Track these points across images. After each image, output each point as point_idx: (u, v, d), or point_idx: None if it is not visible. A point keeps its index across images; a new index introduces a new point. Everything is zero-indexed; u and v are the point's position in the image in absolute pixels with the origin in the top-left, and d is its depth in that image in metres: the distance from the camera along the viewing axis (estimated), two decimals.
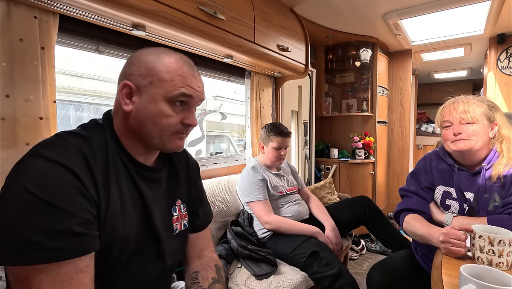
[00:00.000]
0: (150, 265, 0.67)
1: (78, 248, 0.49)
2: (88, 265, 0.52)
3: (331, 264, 1.23)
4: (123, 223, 0.60)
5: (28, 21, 0.88)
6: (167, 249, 0.70)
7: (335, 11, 2.23)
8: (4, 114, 0.85)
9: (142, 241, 0.65)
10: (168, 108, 0.63)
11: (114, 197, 0.58)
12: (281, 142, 1.62)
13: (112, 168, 0.60)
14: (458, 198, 1.04)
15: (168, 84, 0.62)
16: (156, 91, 0.62)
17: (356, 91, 3.04)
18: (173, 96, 0.63)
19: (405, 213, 1.10)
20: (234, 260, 1.41)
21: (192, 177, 0.83)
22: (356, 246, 2.42)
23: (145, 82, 0.62)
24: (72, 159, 0.52)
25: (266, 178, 1.59)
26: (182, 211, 0.77)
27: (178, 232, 0.74)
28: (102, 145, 0.60)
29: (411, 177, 1.17)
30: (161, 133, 0.64)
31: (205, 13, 1.19)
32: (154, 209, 0.67)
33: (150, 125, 0.63)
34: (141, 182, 0.66)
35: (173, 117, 0.63)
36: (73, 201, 0.50)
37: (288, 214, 1.58)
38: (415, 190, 1.12)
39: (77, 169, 0.52)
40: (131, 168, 0.64)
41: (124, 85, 0.63)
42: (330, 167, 2.92)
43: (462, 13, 2.22)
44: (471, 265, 0.64)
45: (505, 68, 2.80)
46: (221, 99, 3.18)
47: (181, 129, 0.66)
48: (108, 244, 0.57)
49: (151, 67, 0.63)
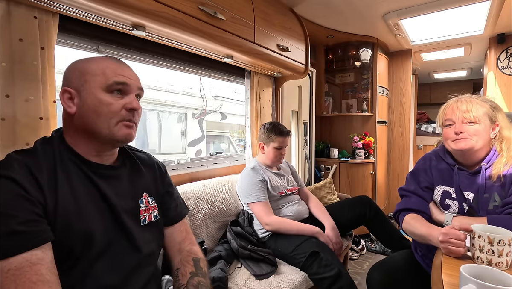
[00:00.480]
0: (126, 256, 0.71)
1: (23, 243, 0.55)
2: (41, 258, 0.56)
3: (330, 265, 1.23)
4: (79, 219, 0.64)
5: (28, 21, 0.88)
6: (139, 238, 0.73)
7: (335, 11, 2.23)
8: (4, 114, 0.85)
9: (111, 234, 0.69)
10: (107, 97, 0.68)
11: (64, 196, 0.63)
12: (282, 142, 1.63)
13: (60, 171, 0.65)
14: (458, 197, 1.04)
15: (101, 77, 0.68)
16: (92, 85, 0.68)
17: (356, 91, 3.04)
18: (108, 85, 0.68)
19: (405, 212, 1.10)
20: (234, 260, 1.41)
21: (159, 173, 0.88)
22: (356, 246, 2.42)
23: (81, 82, 0.69)
24: (15, 170, 0.59)
25: (266, 178, 1.59)
26: (151, 203, 0.80)
27: (147, 223, 0.77)
28: (48, 154, 0.66)
29: (410, 177, 1.17)
30: (106, 122, 0.68)
31: (205, 13, 1.19)
32: (116, 202, 0.71)
33: (94, 117, 0.67)
34: (99, 180, 0.70)
35: (113, 104, 0.68)
36: (13, 205, 0.56)
37: (288, 213, 1.58)
38: (415, 189, 1.12)
39: (19, 178, 0.58)
40: (85, 169, 0.69)
41: (64, 91, 0.69)
42: (330, 167, 2.92)
43: (462, 13, 2.22)
44: (471, 265, 0.64)
45: (505, 68, 2.80)
46: (221, 99, 3.18)
47: (126, 116, 0.69)
48: (65, 239, 0.61)
49: (83, 68, 0.70)
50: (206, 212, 1.50)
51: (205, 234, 1.48)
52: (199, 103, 2.91)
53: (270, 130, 1.65)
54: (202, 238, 1.44)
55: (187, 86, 2.83)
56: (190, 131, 2.99)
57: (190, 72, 1.72)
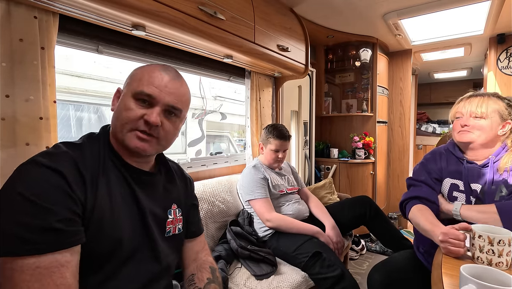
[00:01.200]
0: (146, 265, 0.70)
1: (58, 242, 0.53)
2: (69, 261, 0.55)
3: (333, 265, 1.23)
4: (111, 223, 0.63)
5: (28, 21, 0.88)
6: (161, 249, 0.73)
7: (335, 11, 2.23)
8: (4, 114, 0.85)
9: (138, 240, 0.68)
10: (132, 103, 0.67)
11: (102, 198, 0.62)
12: (279, 145, 1.61)
13: (102, 171, 0.65)
14: (466, 190, 1.05)
15: (136, 83, 0.69)
16: (128, 88, 0.69)
17: (356, 91, 3.04)
18: (135, 92, 0.68)
19: (413, 201, 1.10)
20: (234, 260, 1.41)
21: (188, 185, 0.89)
22: (356, 246, 2.42)
23: (125, 84, 0.72)
24: (62, 163, 0.58)
25: (267, 176, 1.60)
26: (178, 215, 0.80)
27: (171, 235, 0.77)
28: (94, 152, 0.66)
29: (420, 167, 1.18)
30: (121, 127, 0.67)
31: (205, 13, 1.19)
32: (147, 210, 0.70)
33: (116, 118, 0.69)
34: (135, 185, 0.70)
35: (133, 111, 0.67)
36: (56, 201, 0.54)
37: (289, 212, 1.58)
38: (425, 179, 1.13)
39: (65, 172, 0.57)
40: (124, 171, 0.69)
41: (116, 91, 0.73)
42: (330, 167, 2.92)
43: (462, 13, 2.22)
44: (471, 265, 0.64)
45: (505, 68, 2.80)
46: (221, 99, 3.18)
47: (141, 126, 0.67)
48: (95, 241, 0.60)
49: (134, 72, 0.71)
50: (206, 212, 1.50)
51: (205, 234, 1.47)
52: (199, 103, 2.91)
53: (269, 131, 1.64)
54: None
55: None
56: (190, 131, 2.99)
57: (190, 72, 1.72)
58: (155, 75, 0.69)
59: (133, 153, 0.69)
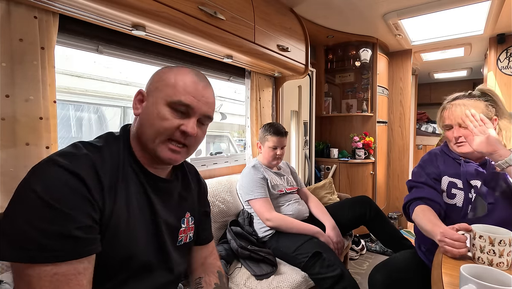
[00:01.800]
0: (160, 276, 0.69)
1: (76, 251, 0.52)
2: (86, 268, 0.53)
3: (333, 265, 1.23)
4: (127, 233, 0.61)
5: (28, 21, 0.88)
6: (173, 259, 0.72)
7: (335, 11, 2.23)
8: (4, 114, 0.85)
9: (151, 253, 0.67)
10: (167, 112, 0.64)
11: (120, 206, 0.60)
12: (277, 142, 1.62)
13: (121, 177, 0.62)
14: (464, 187, 1.07)
15: (171, 89, 0.65)
16: (159, 95, 0.65)
17: (356, 91, 3.04)
18: (172, 101, 0.64)
19: (416, 202, 1.10)
20: (234, 260, 1.41)
21: (202, 192, 0.87)
22: (356, 246, 2.42)
23: (153, 87, 0.67)
24: (81, 166, 0.55)
25: (267, 176, 1.60)
26: (190, 224, 0.78)
27: (182, 244, 0.76)
28: (114, 156, 0.63)
29: (418, 169, 1.19)
30: (155, 136, 0.64)
31: (205, 13, 1.19)
32: (162, 219, 0.68)
33: (148, 126, 0.65)
34: (152, 192, 0.67)
35: (169, 121, 0.64)
36: (76, 206, 0.52)
37: (289, 212, 1.58)
38: (426, 180, 1.14)
39: (85, 175, 0.55)
40: (142, 178, 0.66)
41: (138, 92, 0.68)
42: (330, 167, 2.92)
43: (462, 13, 2.22)
44: (471, 265, 0.64)
45: (505, 68, 2.80)
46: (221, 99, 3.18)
47: (176, 137, 0.65)
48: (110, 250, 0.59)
49: (162, 75, 0.67)
50: None
51: None
52: None
53: (266, 129, 1.66)
54: None
55: None
56: None
57: None
58: (191, 83, 0.66)
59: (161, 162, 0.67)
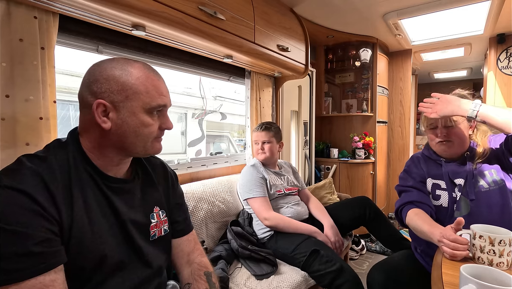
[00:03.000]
0: (137, 271, 0.70)
1: (38, 266, 0.52)
2: (54, 279, 0.53)
3: (331, 260, 1.24)
4: (93, 238, 0.61)
5: (28, 21, 0.88)
6: (148, 254, 0.72)
7: (335, 11, 2.23)
8: (4, 114, 0.85)
9: (123, 251, 0.67)
10: (148, 118, 0.67)
11: (79, 214, 0.60)
12: (256, 136, 1.71)
13: (75, 184, 0.61)
14: (448, 188, 1.10)
15: (145, 96, 0.66)
16: (133, 104, 0.65)
17: (356, 91, 3.04)
18: (152, 108, 0.67)
19: (408, 207, 1.11)
20: (234, 260, 1.41)
21: (171, 184, 0.85)
22: (356, 246, 2.42)
23: (121, 97, 0.64)
24: (27, 182, 0.54)
25: (266, 176, 1.60)
26: (162, 217, 0.78)
27: (157, 238, 0.76)
28: (62, 163, 0.62)
29: (405, 174, 1.22)
30: (144, 142, 0.68)
31: (205, 13, 1.19)
32: (127, 219, 0.69)
33: (133, 136, 0.66)
34: (112, 194, 0.67)
35: (153, 125, 0.69)
36: (29, 223, 0.52)
37: (288, 214, 1.58)
38: (413, 184, 1.16)
39: (32, 190, 0.54)
40: (99, 181, 0.66)
41: (98, 104, 0.63)
42: (330, 167, 2.92)
43: (462, 13, 2.22)
44: (471, 265, 0.64)
45: (505, 68, 2.80)
46: (221, 99, 3.18)
47: (159, 134, 0.71)
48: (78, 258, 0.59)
49: (123, 82, 0.64)
50: (206, 212, 1.50)
51: (205, 234, 1.48)
52: (199, 103, 2.91)
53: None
54: (202, 238, 1.44)
55: (187, 86, 2.83)
56: (190, 131, 2.99)
57: (190, 72, 1.72)
58: (155, 82, 0.68)
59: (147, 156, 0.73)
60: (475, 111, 0.95)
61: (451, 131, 1.08)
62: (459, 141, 1.08)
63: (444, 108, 1.01)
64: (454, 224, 0.85)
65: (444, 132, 1.09)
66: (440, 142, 1.10)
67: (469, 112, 0.96)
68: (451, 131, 1.08)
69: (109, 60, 0.67)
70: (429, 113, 1.04)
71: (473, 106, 0.96)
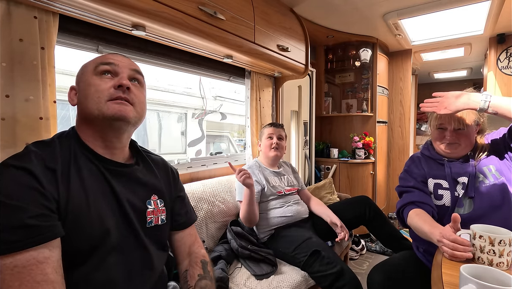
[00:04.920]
0: (134, 253, 0.70)
1: (32, 238, 0.54)
2: (47, 257, 0.55)
3: (332, 262, 1.23)
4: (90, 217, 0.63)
5: (28, 21, 0.88)
6: (146, 238, 0.73)
7: (335, 11, 2.24)
8: (4, 114, 0.85)
9: (121, 232, 0.69)
10: (96, 79, 0.69)
11: (76, 192, 0.63)
12: (272, 131, 1.69)
13: (73, 166, 0.65)
14: (450, 187, 1.09)
15: (91, 64, 0.72)
16: (85, 76, 0.71)
17: (356, 91, 3.04)
18: (96, 67, 0.70)
19: (409, 207, 1.10)
20: (234, 260, 1.41)
21: (172, 178, 0.88)
22: (356, 246, 2.42)
23: (79, 76, 0.73)
24: (28, 160, 0.59)
25: (263, 178, 1.60)
26: (159, 206, 0.79)
27: (153, 225, 0.76)
28: (64, 148, 0.67)
29: (405, 174, 1.21)
30: (95, 103, 0.68)
31: (205, 13, 1.19)
32: (125, 201, 0.70)
33: (84, 100, 0.69)
34: (110, 176, 0.70)
35: (101, 84, 0.69)
36: (26, 198, 0.55)
37: (288, 213, 1.58)
38: (414, 184, 1.15)
39: (32, 168, 0.58)
40: (98, 164, 0.69)
41: (70, 88, 0.74)
42: (330, 167, 2.92)
43: (462, 13, 2.22)
44: (471, 265, 0.64)
45: (505, 68, 2.80)
46: (221, 99, 3.18)
47: (114, 93, 0.69)
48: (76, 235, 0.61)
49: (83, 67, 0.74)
50: (206, 212, 1.50)
51: (205, 234, 1.48)
52: (199, 103, 2.91)
53: (263, 127, 1.75)
54: (202, 238, 1.44)
55: (187, 86, 2.83)
56: (190, 131, 2.99)
57: (190, 72, 1.72)
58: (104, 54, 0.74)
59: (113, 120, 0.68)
60: (487, 102, 0.94)
61: (461, 134, 1.07)
62: (467, 144, 1.08)
63: (454, 103, 0.99)
64: (451, 222, 0.85)
65: (454, 134, 1.08)
66: (448, 144, 1.09)
67: (481, 104, 0.95)
68: (461, 134, 1.07)
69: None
70: (438, 109, 1.03)
71: (484, 97, 0.95)
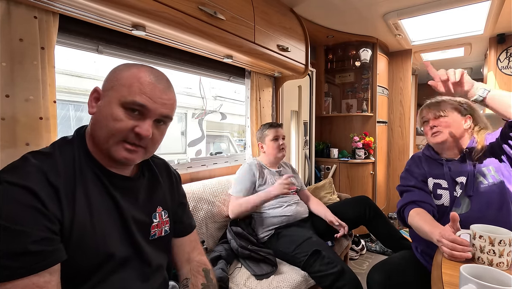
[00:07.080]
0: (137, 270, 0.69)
1: (34, 265, 0.51)
2: (48, 281, 0.53)
3: (333, 262, 1.24)
4: (95, 236, 0.61)
5: (28, 21, 0.88)
6: (149, 252, 0.72)
7: (335, 11, 2.23)
8: (4, 114, 0.85)
9: (125, 251, 0.67)
10: (121, 113, 0.62)
11: (81, 212, 0.59)
12: (276, 132, 1.70)
13: (78, 180, 0.61)
14: (449, 187, 1.10)
15: (126, 89, 0.62)
16: (114, 94, 0.63)
17: (356, 91, 3.04)
18: (126, 102, 0.62)
19: (410, 206, 1.11)
20: (234, 260, 1.41)
21: (175, 184, 0.86)
22: (356, 246, 2.42)
23: (109, 86, 0.64)
24: (30, 178, 0.54)
25: (261, 177, 1.60)
26: (164, 218, 0.78)
27: (156, 238, 0.75)
28: (68, 160, 0.61)
29: (406, 174, 1.22)
30: (108, 137, 0.62)
31: (205, 13, 1.19)
32: (130, 217, 0.68)
33: (101, 127, 0.63)
34: (115, 191, 0.67)
35: (123, 122, 0.62)
36: (29, 221, 0.51)
37: (287, 213, 1.58)
38: (415, 184, 1.16)
39: (35, 187, 0.53)
40: (104, 179, 0.65)
41: (94, 90, 0.66)
42: (330, 167, 2.92)
43: (462, 13, 2.22)
44: (471, 265, 0.64)
45: (505, 68, 2.80)
46: (221, 99, 3.18)
47: (130, 138, 0.63)
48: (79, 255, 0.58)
49: (118, 73, 0.65)
50: (206, 212, 1.50)
51: (205, 234, 1.48)
52: (199, 103, 2.91)
53: (262, 127, 1.75)
54: (202, 238, 1.44)
55: (187, 86, 2.83)
56: (190, 131, 2.99)
57: (190, 72, 1.72)
58: (148, 83, 0.64)
59: (116, 162, 0.65)
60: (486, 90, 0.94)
61: (443, 121, 1.13)
62: (451, 130, 1.11)
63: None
64: (450, 222, 0.85)
65: (436, 122, 1.14)
66: (433, 134, 1.14)
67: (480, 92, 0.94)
68: (442, 121, 1.13)
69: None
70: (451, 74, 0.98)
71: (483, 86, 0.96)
